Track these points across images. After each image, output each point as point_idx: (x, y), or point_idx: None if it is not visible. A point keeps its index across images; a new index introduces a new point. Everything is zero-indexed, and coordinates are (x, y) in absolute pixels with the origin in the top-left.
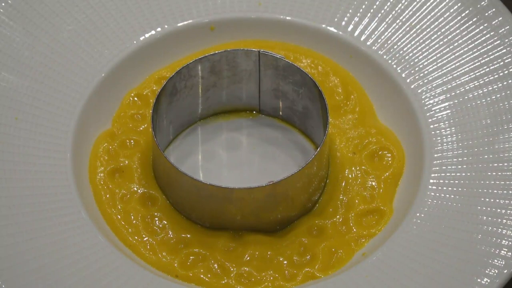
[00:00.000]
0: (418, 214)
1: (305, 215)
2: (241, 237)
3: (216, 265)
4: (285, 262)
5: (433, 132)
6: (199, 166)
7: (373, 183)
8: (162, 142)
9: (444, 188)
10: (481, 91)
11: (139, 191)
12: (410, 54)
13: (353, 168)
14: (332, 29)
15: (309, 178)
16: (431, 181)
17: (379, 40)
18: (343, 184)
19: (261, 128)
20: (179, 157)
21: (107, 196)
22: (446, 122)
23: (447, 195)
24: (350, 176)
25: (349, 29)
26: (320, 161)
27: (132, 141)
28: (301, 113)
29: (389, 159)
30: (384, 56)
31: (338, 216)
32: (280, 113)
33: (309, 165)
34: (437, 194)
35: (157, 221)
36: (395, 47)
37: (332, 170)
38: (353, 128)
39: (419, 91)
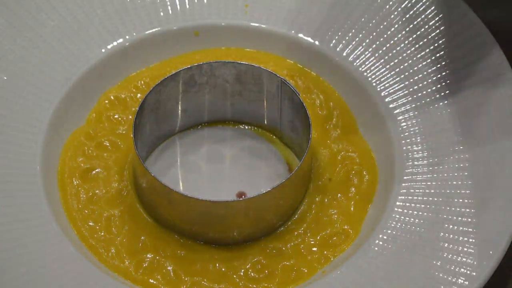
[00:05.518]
0: (381, 236)
1: (270, 235)
2: (192, 248)
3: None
4: (242, 276)
5: (405, 154)
6: (179, 176)
7: (344, 204)
8: (143, 150)
9: (410, 211)
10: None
11: (112, 191)
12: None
13: (327, 193)
14: (316, 42)
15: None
16: (398, 203)
17: (361, 57)
18: (313, 207)
19: (244, 139)
20: (161, 168)
21: (73, 194)
22: (419, 145)
23: (412, 219)
24: (324, 200)
25: (332, 44)
26: (295, 183)
27: (106, 142)
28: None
29: (363, 181)
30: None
31: (300, 238)
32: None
33: (277, 189)
34: (402, 218)
35: (118, 224)
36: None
37: (308, 194)
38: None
39: (394, 112)
